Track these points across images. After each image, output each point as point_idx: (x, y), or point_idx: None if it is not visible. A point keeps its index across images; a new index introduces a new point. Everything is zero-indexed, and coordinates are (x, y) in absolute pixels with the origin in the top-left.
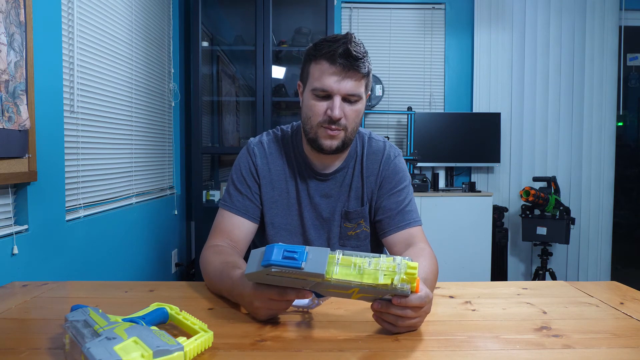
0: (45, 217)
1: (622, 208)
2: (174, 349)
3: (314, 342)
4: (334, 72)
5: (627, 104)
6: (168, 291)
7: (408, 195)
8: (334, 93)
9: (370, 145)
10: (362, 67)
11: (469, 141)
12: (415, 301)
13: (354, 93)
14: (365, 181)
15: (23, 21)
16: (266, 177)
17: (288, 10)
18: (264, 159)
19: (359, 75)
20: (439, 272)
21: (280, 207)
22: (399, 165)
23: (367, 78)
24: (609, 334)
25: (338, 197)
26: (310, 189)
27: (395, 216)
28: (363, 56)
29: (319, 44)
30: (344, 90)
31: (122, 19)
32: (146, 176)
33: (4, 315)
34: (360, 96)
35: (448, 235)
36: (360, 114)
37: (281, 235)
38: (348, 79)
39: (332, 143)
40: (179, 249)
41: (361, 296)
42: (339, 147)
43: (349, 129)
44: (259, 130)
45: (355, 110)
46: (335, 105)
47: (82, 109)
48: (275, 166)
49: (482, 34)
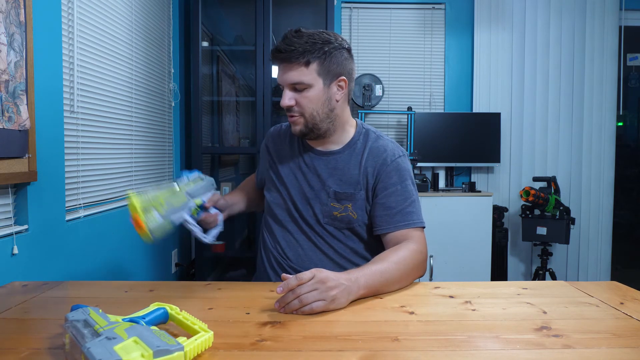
0: (45, 217)
1: (622, 208)
2: (174, 349)
3: (314, 342)
4: (278, 67)
5: (627, 104)
6: (168, 291)
7: (411, 196)
8: (281, 85)
9: (377, 141)
10: (297, 57)
11: (469, 141)
12: (291, 280)
13: (297, 81)
14: (362, 170)
15: (23, 21)
16: (273, 153)
17: (288, 10)
18: (275, 138)
19: (297, 64)
20: (439, 272)
21: (277, 181)
22: (401, 164)
23: (314, 65)
24: (609, 334)
25: (327, 177)
26: (306, 160)
27: (394, 215)
28: (297, 47)
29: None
30: (288, 80)
31: (122, 19)
32: (146, 176)
33: (4, 315)
34: (307, 83)
35: (448, 235)
36: (316, 100)
37: (275, 201)
38: (287, 70)
39: (295, 128)
40: (179, 249)
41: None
42: (304, 131)
43: (307, 113)
44: (259, 130)
45: (305, 97)
46: (284, 95)
47: (82, 109)
48: (283, 145)
49: (482, 34)
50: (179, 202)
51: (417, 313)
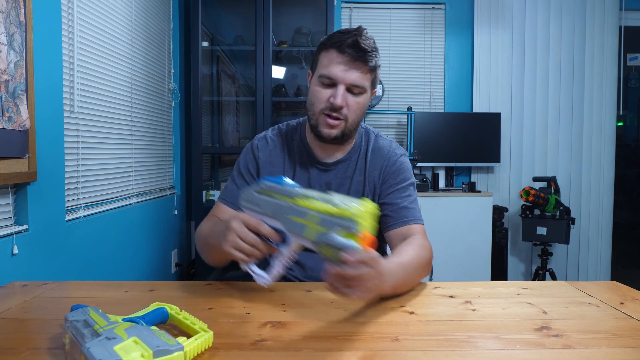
0: (45, 217)
1: (622, 208)
2: (174, 349)
3: (314, 342)
4: (341, 61)
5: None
6: (168, 291)
7: (413, 195)
8: (338, 81)
9: (377, 141)
10: (369, 60)
11: (469, 141)
12: (359, 256)
13: (358, 84)
14: (367, 175)
15: (23, 21)
16: (266, 169)
17: (288, 10)
18: (266, 152)
19: (365, 68)
20: (439, 272)
21: None
22: (404, 164)
23: (373, 73)
24: (609, 334)
25: (338, 188)
26: (311, 178)
27: (399, 211)
28: (371, 50)
29: (331, 35)
30: (349, 79)
31: (122, 19)
32: (146, 176)
33: (4, 315)
34: (365, 89)
35: (448, 235)
36: (363, 107)
37: None
38: (354, 69)
39: (330, 132)
40: (179, 249)
41: (314, 229)
42: (338, 137)
43: (350, 119)
44: (259, 130)
45: (357, 102)
46: (339, 93)
47: (82, 109)
48: (277, 157)
49: (482, 34)
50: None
51: (417, 313)
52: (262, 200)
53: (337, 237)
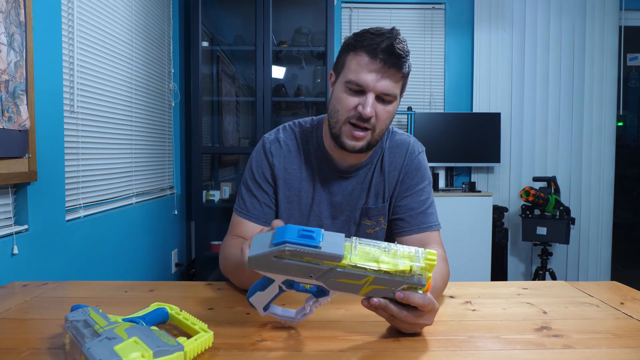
0: (45, 217)
1: (622, 208)
2: (174, 349)
3: (314, 342)
4: (374, 68)
5: (627, 104)
6: (168, 291)
7: (430, 196)
8: (369, 89)
9: (394, 138)
10: (404, 67)
11: (469, 141)
12: (417, 300)
13: (390, 93)
14: (387, 176)
15: (23, 21)
16: (282, 177)
17: (288, 10)
18: (281, 157)
19: (398, 75)
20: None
21: (297, 207)
22: (422, 162)
23: (406, 79)
24: (609, 334)
25: (359, 195)
26: (332, 187)
27: (417, 217)
28: (406, 55)
29: (361, 34)
30: (381, 88)
31: (122, 19)
32: (146, 176)
33: (4, 315)
34: (396, 96)
35: (448, 235)
36: (392, 116)
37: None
38: (387, 77)
39: (355, 144)
40: (179, 249)
41: (372, 289)
42: (364, 148)
43: (377, 129)
44: (259, 130)
45: (387, 110)
46: (368, 102)
47: (82, 109)
48: (293, 165)
49: (482, 34)
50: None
51: None
52: (287, 264)
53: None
